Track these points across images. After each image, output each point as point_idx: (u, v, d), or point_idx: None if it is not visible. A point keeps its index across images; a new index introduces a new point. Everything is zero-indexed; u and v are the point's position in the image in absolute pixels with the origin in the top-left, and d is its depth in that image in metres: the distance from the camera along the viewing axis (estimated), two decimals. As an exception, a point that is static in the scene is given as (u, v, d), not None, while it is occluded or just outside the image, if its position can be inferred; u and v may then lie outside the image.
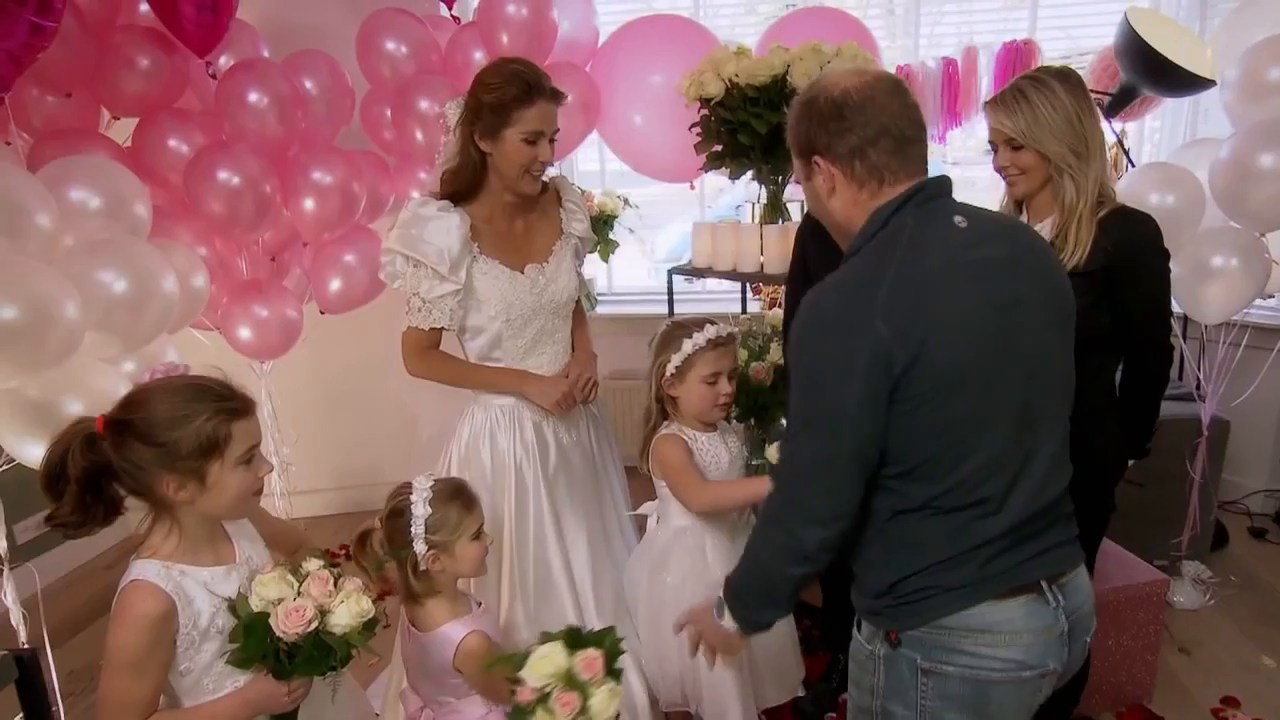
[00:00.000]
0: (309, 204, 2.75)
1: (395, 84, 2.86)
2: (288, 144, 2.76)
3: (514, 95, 1.82)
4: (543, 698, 1.42)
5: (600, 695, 1.44)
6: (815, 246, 2.24)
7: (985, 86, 3.32)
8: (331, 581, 1.36)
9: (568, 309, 2.11)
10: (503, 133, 1.84)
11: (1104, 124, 2.02)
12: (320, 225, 2.80)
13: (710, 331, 1.94)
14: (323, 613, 1.34)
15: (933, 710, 1.27)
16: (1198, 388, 2.94)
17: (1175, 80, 2.79)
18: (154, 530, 1.38)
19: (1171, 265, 1.84)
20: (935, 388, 1.18)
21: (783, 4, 3.75)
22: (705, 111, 2.66)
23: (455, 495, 1.69)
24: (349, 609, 1.35)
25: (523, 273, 1.99)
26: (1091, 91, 3.09)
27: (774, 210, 2.74)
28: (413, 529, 1.64)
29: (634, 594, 2.09)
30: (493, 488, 2.01)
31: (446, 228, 1.89)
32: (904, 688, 1.29)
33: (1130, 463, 2.02)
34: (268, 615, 1.32)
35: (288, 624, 1.31)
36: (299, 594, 1.33)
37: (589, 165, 3.90)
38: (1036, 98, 1.71)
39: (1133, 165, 3.13)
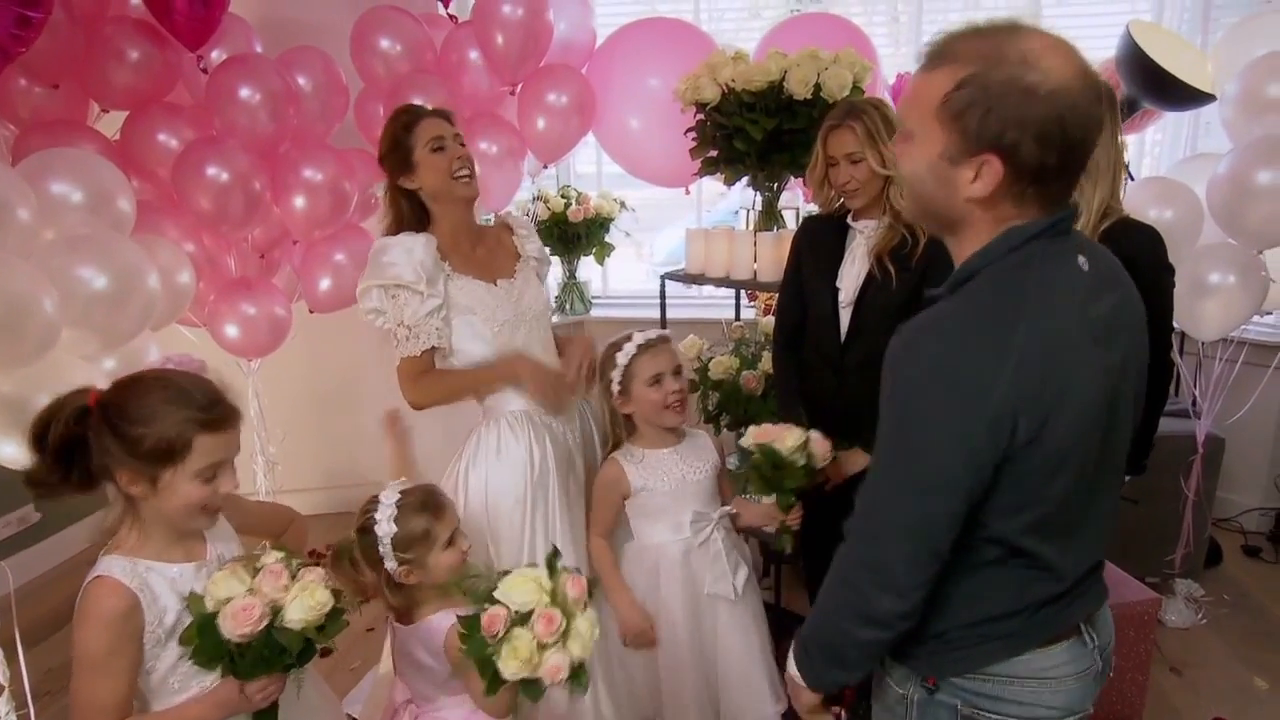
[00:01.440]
0: (299, 201, 2.72)
1: (389, 82, 2.83)
2: (279, 140, 2.73)
3: (401, 125, 1.94)
4: (518, 620, 1.33)
5: (585, 618, 1.37)
6: (810, 256, 2.22)
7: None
8: (288, 575, 1.32)
9: (545, 319, 2.13)
10: (412, 158, 1.92)
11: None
12: (311, 223, 2.77)
13: (639, 338, 1.96)
14: (275, 609, 1.30)
15: None
16: (1193, 404, 2.91)
17: (1175, 94, 2.77)
18: (121, 523, 1.37)
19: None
20: (1041, 468, 1.05)
21: (787, 9, 3.72)
22: (701, 116, 2.63)
23: (423, 506, 1.63)
24: (304, 603, 1.30)
25: (495, 285, 2.02)
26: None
27: (769, 217, 2.71)
28: (380, 548, 1.59)
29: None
30: (512, 496, 1.97)
31: (414, 246, 1.91)
32: None
33: (1126, 479, 1.99)
34: (216, 615, 1.29)
35: (235, 624, 1.27)
36: (249, 591, 1.30)
37: (586, 167, 3.88)
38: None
39: (1132, 179, 3.10)
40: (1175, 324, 2.52)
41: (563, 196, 3.66)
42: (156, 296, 2.13)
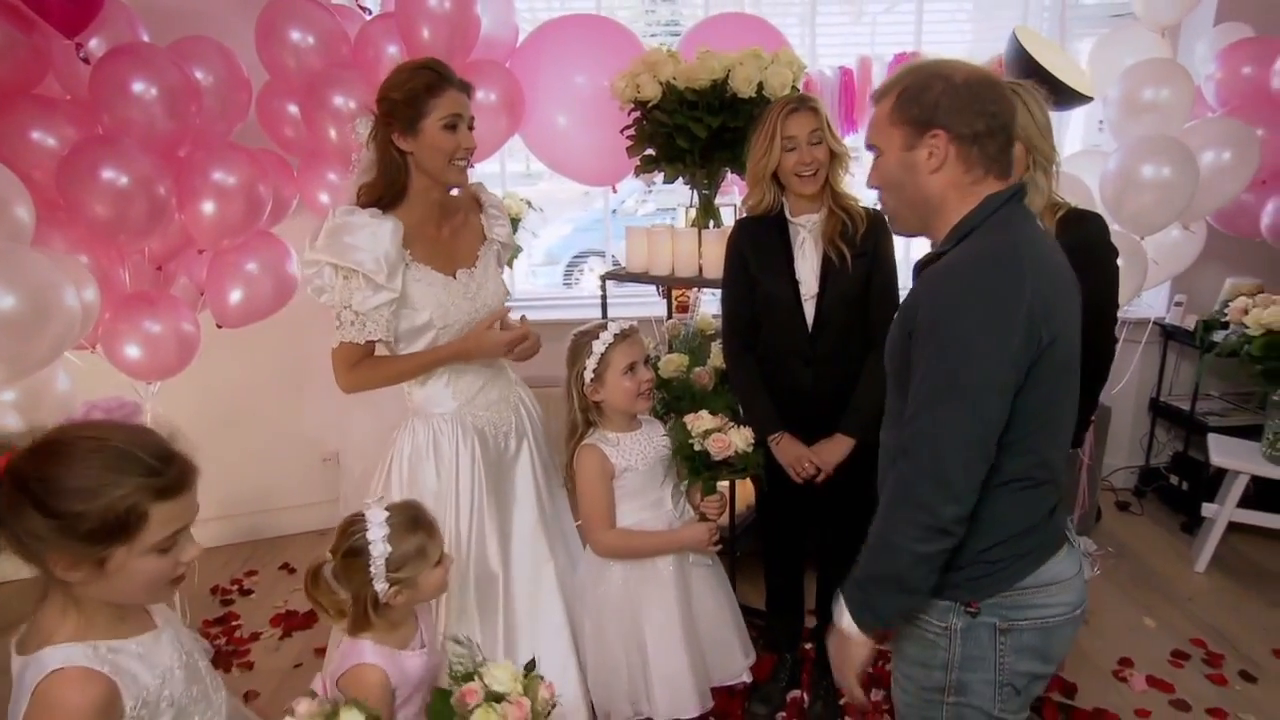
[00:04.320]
0: (208, 207, 2.47)
1: (302, 77, 2.63)
2: (179, 140, 2.47)
3: (425, 84, 1.81)
4: (492, 697, 1.41)
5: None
6: (754, 252, 2.27)
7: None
8: None
9: (501, 312, 2.05)
10: (421, 124, 1.81)
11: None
12: (220, 231, 2.53)
13: (614, 328, 2.01)
14: None
15: (1009, 665, 1.37)
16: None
17: (1059, 95, 3.04)
18: (44, 608, 1.14)
19: None
20: (1056, 370, 1.27)
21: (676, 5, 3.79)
22: (639, 114, 2.62)
23: (415, 524, 1.58)
24: None
25: (454, 278, 1.95)
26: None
27: (706, 214, 2.74)
28: (372, 569, 1.51)
29: (579, 611, 2.08)
30: (439, 497, 1.94)
31: (380, 233, 1.81)
32: (982, 653, 1.37)
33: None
34: None
35: None
36: None
37: (490, 167, 3.76)
38: (1026, 97, 1.83)
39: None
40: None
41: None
42: (75, 317, 1.88)
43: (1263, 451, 3.12)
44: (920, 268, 1.42)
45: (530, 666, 1.51)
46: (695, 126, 2.49)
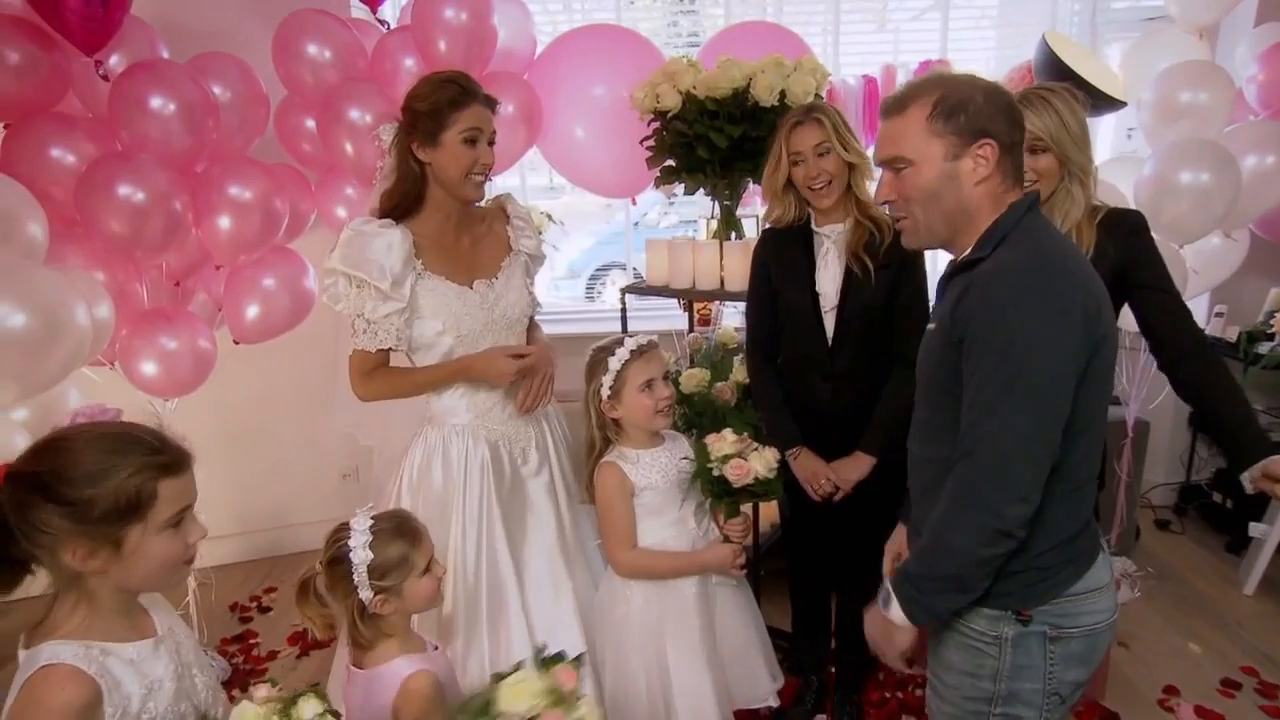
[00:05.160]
0: (224, 222, 2.46)
1: (319, 91, 2.61)
2: (196, 156, 2.46)
3: (449, 98, 1.81)
4: None
5: (585, 706, 1.32)
6: (777, 263, 2.23)
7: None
8: None
9: (521, 325, 2.06)
10: (441, 137, 1.82)
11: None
12: (237, 246, 2.51)
13: (631, 343, 1.95)
14: None
15: (1057, 674, 1.36)
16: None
17: (1094, 100, 2.95)
18: (57, 605, 1.16)
19: None
20: (1103, 370, 1.29)
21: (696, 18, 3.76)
22: (659, 124, 2.58)
23: (399, 532, 1.55)
24: None
25: (471, 288, 1.94)
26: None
27: (728, 226, 2.68)
28: (355, 577, 1.50)
29: (598, 633, 2.01)
30: (444, 503, 1.92)
31: (387, 244, 1.83)
32: (1033, 661, 1.35)
33: None
34: None
35: None
36: None
37: (510, 180, 3.73)
38: (1060, 105, 1.76)
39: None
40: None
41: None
42: (86, 335, 1.86)
43: (1312, 468, 2.99)
44: (949, 276, 1.40)
45: (539, 656, 1.36)
46: (716, 136, 2.44)
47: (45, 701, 1.08)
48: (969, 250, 1.34)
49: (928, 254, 2.19)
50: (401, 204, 1.88)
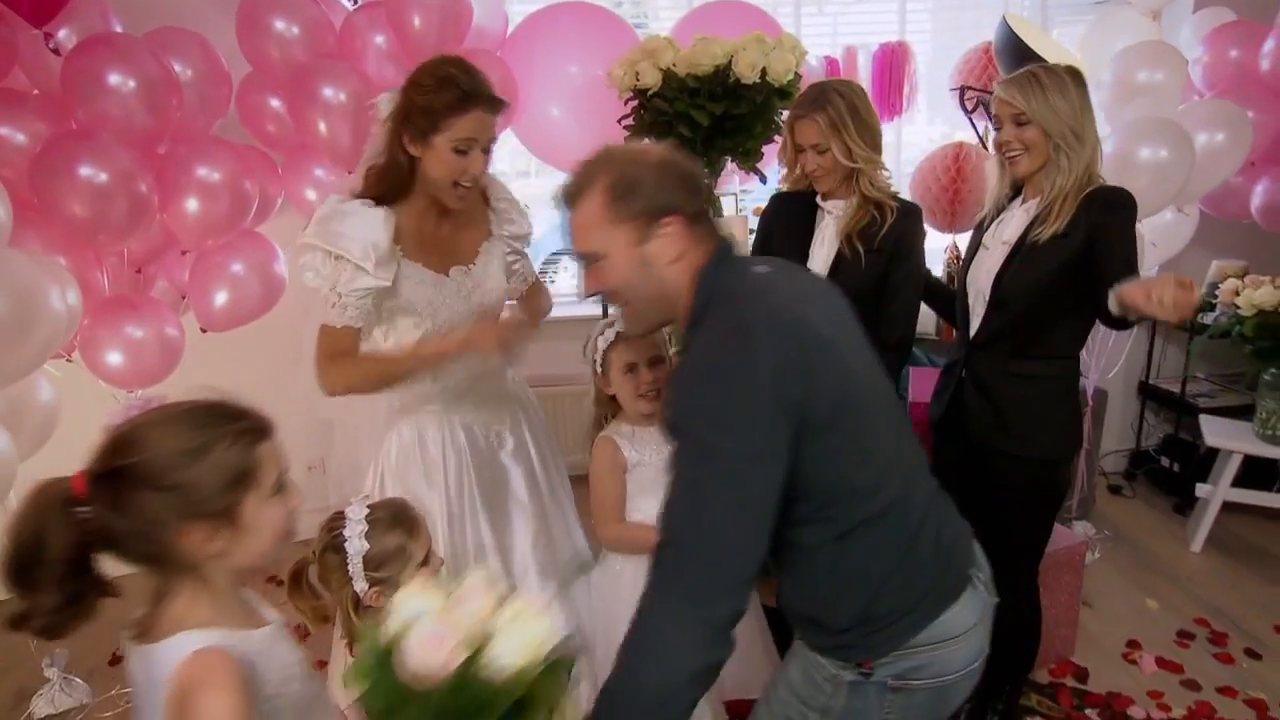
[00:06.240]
0: (192, 205, 2.36)
1: (288, 69, 2.52)
2: (159, 136, 2.35)
3: (447, 102, 1.69)
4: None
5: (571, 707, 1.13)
6: (778, 229, 2.25)
7: (866, 85, 3.46)
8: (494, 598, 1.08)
9: (498, 310, 2.02)
10: (432, 139, 1.71)
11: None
12: (205, 230, 2.42)
13: (618, 324, 1.94)
14: (476, 645, 1.02)
15: None
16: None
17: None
18: (171, 600, 1.08)
19: None
20: (835, 412, 1.18)
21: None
22: (638, 103, 2.56)
23: (397, 522, 1.51)
24: (519, 635, 1.03)
25: (447, 275, 1.89)
26: (972, 89, 3.32)
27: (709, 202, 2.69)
28: (350, 567, 1.46)
29: (588, 615, 2.01)
30: (425, 499, 1.88)
31: (371, 222, 1.76)
32: (866, 709, 1.26)
33: None
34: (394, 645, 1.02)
35: (421, 655, 1.01)
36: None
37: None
38: (1048, 81, 1.83)
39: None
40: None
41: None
42: (61, 321, 1.77)
43: (1255, 431, 3.16)
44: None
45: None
46: (697, 114, 2.45)
47: (210, 679, 1.00)
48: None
49: (933, 238, 2.21)
50: (387, 190, 1.79)
